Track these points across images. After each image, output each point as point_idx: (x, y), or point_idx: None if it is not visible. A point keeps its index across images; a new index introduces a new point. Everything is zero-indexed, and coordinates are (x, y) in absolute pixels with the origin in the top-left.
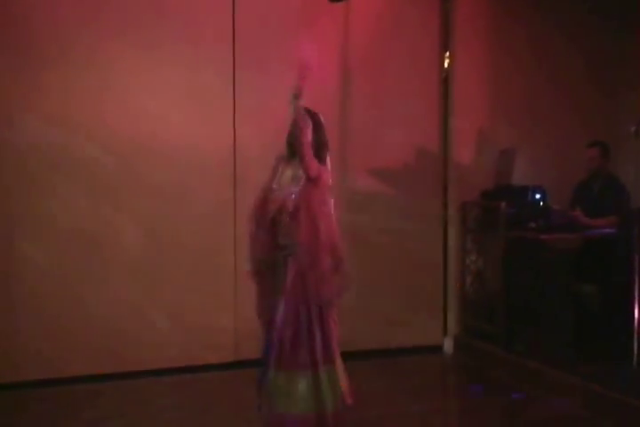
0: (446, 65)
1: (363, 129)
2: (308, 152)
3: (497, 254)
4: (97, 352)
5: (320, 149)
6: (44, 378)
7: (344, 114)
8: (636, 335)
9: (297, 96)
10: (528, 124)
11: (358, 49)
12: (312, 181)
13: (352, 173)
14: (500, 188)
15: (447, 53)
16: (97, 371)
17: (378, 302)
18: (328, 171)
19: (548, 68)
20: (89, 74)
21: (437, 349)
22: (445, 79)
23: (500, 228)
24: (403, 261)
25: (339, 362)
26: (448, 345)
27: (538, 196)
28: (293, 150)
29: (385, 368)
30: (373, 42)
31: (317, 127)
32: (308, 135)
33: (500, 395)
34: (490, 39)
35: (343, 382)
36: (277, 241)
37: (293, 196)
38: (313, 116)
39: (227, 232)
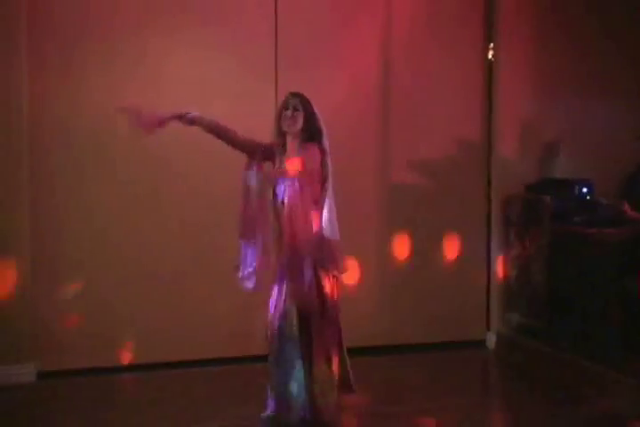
0: (490, 56)
1: (404, 122)
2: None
3: (541, 249)
4: (130, 343)
5: (314, 136)
6: (79, 367)
7: (385, 107)
8: None
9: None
10: (574, 116)
11: (399, 41)
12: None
13: (395, 167)
14: (545, 181)
15: (491, 44)
16: (131, 361)
17: (421, 296)
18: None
19: (593, 59)
20: (138, 70)
21: (480, 344)
22: (489, 71)
23: (545, 222)
24: (445, 254)
25: None
26: (491, 340)
27: (585, 189)
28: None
29: (427, 362)
30: (415, 33)
31: (315, 117)
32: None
33: (543, 391)
34: (534, 29)
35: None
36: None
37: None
38: (307, 105)
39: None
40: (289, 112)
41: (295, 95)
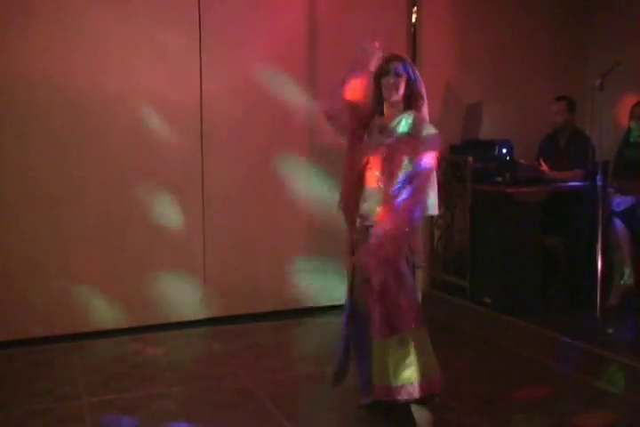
0: (414, 20)
1: (331, 83)
2: None
3: (464, 208)
4: (65, 312)
5: (413, 102)
6: (13, 339)
7: (311, 69)
8: (598, 286)
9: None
10: (495, 79)
11: (325, 4)
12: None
13: (323, 132)
14: (468, 142)
15: (415, 8)
16: (67, 331)
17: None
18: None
19: (515, 22)
20: (55, 28)
21: None
22: (413, 34)
23: (468, 182)
24: None
25: None
26: None
27: (504, 150)
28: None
29: None
30: None
31: (417, 81)
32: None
33: (468, 346)
34: None
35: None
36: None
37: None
38: (410, 70)
39: (194, 186)
40: (390, 78)
41: (396, 58)
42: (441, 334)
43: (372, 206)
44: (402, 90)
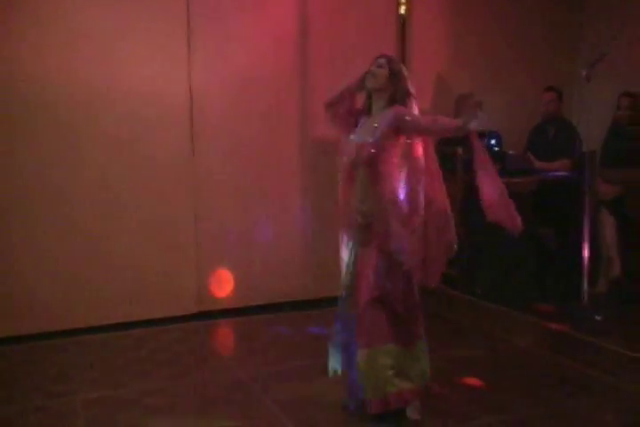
0: (402, 11)
1: (322, 76)
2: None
3: (456, 200)
4: (58, 308)
5: (400, 98)
6: (6, 336)
7: (303, 60)
8: (585, 274)
9: None
10: (484, 71)
11: None
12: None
13: (315, 120)
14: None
15: None
16: (60, 327)
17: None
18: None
19: (505, 13)
20: (49, 23)
21: None
22: (403, 25)
23: (458, 173)
24: None
25: None
26: None
27: (493, 141)
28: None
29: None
30: None
31: (399, 77)
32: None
33: (460, 336)
34: None
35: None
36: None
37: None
38: (393, 65)
39: (185, 180)
40: (371, 67)
41: (382, 56)
42: (433, 324)
43: (365, 204)
44: (381, 79)
